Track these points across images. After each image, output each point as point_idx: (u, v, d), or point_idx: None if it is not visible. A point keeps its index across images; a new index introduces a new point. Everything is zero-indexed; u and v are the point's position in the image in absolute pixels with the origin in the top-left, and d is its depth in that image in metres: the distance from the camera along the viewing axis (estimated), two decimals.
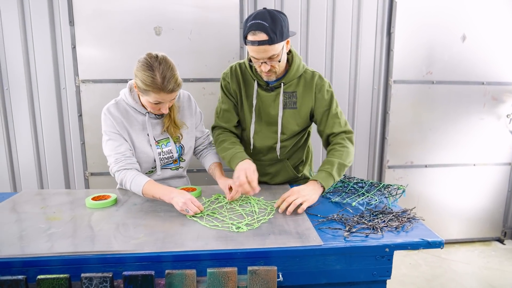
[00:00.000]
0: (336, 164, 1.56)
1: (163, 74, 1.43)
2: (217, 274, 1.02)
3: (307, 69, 1.71)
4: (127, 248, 1.11)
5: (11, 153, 2.69)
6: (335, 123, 1.68)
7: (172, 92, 1.47)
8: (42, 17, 2.52)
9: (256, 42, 1.43)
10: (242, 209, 1.46)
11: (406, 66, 2.91)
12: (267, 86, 1.69)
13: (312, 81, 1.68)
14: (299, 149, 1.86)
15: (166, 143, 1.69)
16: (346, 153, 1.61)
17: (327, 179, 1.52)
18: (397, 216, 1.36)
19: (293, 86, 1.69)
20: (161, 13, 2.55)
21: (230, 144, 1.70)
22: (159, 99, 1.48)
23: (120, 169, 1.55)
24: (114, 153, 1.56)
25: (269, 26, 1.40)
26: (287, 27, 1.49)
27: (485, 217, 3.27)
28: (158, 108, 1.54)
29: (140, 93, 1.53)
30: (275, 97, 1.69)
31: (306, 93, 1.68)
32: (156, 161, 1.66)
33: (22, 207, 1.50)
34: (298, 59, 1.67)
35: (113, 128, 1.58)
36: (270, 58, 1.50)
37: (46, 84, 2.62)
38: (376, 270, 1.20)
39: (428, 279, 2.71)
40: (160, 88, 1.43)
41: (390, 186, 1.65)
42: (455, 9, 2.85)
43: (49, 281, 0.98)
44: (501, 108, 3.08)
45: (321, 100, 1.68)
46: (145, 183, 1.49)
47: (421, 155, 3.08)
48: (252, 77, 1.70)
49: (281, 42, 1.47)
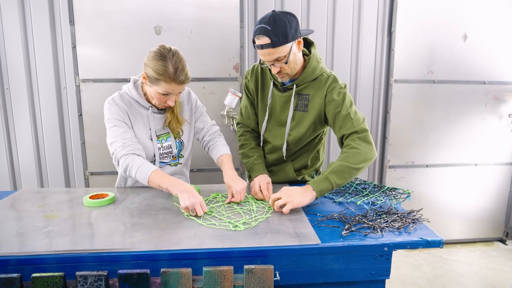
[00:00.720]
0: (336, 166, 1.47)
1: (176, 65, 1.47)
2: (213, 273, 1.01)
3: (324, 72, 1.67)
4: (123, 247, 1.10)
5: (11, 152, 2.69)
6: (346, 124, 1.59)
7: (182, 83, 1.51)
8: (42, 16, 2.53)
9: (260, 46, 1.47)
10: (240, 208, 1.45)
11: (407, 66, 2.90)
12: (282, 86, 1.70)
13: (325, 84, 1.64)
14: (306, 153, 1.84)
15: (166, 138, 1.70)
16: (354, 154, 1.50)
17: (321, 183, 1.44)
18: (402, 217, 1.34)
19: (307, 88, 1.67)
20: (161, 13, 2.55)
21: (250, 151, 1.80)
22: (169, 89, 1.50)
23: (128, 153, 1.52)
24: (121, 138, 1.55)
25: (271, 30, 1.43)
26: (294, 27, 1.48)
27: (486, 217, 3.25)
28: (165, 100, 1.55)
29: (149, 84, 1.54)
30: (288, 98, 1.69)
31: (318, 96, 1.65)
32: (155, 156, 1.66)
33: (20, 205, 1.49)
34: (315, 62, 1.64)
35: (118, 116, 1.59)
36: (276, 60, 1.51)
37: (47, 84, 2.62)
38: (375, 270, 1.18)
39: (429, 279, 2.69)
40: (172, 78, 1.47)
41: (396, 189, 1.63)
42: (456, 8, 2.84)
43: (44, 279, 0.98)
44: (503, 108, 3.06)
45: (331, 102, 1.62)
46: (153, 170, 1.48)
47: (422, 155, 3.06)
48: (270, 77, 1.73)
49: (286, 44, 1.47)
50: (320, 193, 1.43)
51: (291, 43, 1.49)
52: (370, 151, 1.53)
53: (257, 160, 1.77)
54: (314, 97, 1.66)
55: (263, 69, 1.75)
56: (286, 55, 1.50)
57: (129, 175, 1.54)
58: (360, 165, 1.49)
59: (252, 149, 1.81)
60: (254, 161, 1.76)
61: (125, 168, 1.52)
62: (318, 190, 1.43)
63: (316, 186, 1.43)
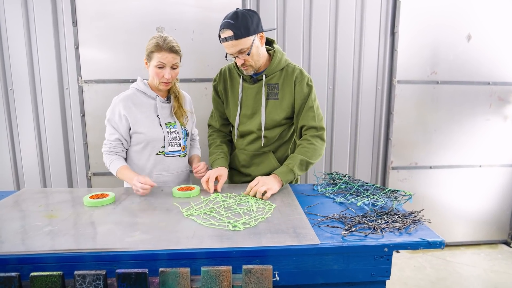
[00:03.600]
0: (299, 160, 1.71)
1: (164, 38, 1.68)
2: (212, 273, 1.01)
3: (289, 63, 1.83)
4: (121, 246, 1.10)
5: (14, 153, 2.71)
6: (308, 116, 1.79)
7: (171, 52, 1.67)
8: (45, 17, 2.54)
9: (224, 38, 1.62)
10: (240, 208, 1.44)
11: (410, 66, 2.88)
12: (251, 78, 1.82)
13: (292, 75, 1.79)
14: (285, 143, 1.94)
15: (173, 125, 1.85)
16: (312, 150, 1.75)
17: (287, 174, 1.68)
18: (403, 217, 1.33)
19: (275, 78, 1.80)
20: (164, 14, 2.55)
21: (215, 148, 1.94)
22: (161, 59, 1.67)
23: (110, 151, 1.79)
24: (108, 140, 1.80)
25: (234, 23, 1.58)
26: (256, 22, 1.64)
27: (491, 220, 3.21)
28: (162, 75, 1.71)
29: (148, 64, 1.74)
30: (258, 89, 1.81)
31: (287, 85, 1.79)
32: (165, 140, 1.81)
33: (20, 204, 1.50)
34: (280, 54, 1.81)
35: (115, 117, 1.77)
36: (240, 52, 1.64)
37: (50, 85, 2.63)
38: (375, 270, 1.17)
39: (432, 281, 2.67)
40: (161, 47, 1.65)
41: (397, 191, 1.62)
42: (460, 8, 2.82)
43: (42, 278, 0.98)
44: (508, 109, 3.03)
45: (300, 92, 1.78)
46: (120, 167, 1.72)
47: (425, 156, 3.04)
48: (238, 73, 1.85)
49: (248, 36, 1.61)
50: (285, 182, 1.68)
51: (253, 36, 1.64)
52: (323, 148, 1.81)
53: (219, 156, 1.88)
54: (283, 86, 1.80)
55: (230, 70, 1.89)
56: (248, 47, 1.64)
57: (108, 168, 1.80)
58: (316, 160, 1.78)
59: (216, 146, 1.94)
60: (216, 156, 1.88)
61: (105, 162, 1.80)
62: (285, 180, 1.67)
63: (283, 177, 1.67)
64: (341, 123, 2.94)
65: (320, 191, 1.71)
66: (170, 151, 1.84)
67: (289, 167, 1.69)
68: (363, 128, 2.98)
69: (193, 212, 1.38)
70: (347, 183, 1.77)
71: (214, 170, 1.75)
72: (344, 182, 1.78)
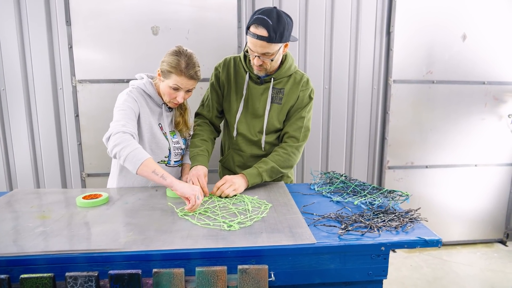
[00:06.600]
0: (270, 167, 1.69)
1: (188, 61, 1.56)
2: (206, 273, 0.99)
3: (298, 70, 1.80)
4: (114, 247, 1.08)
5: (7, 154, 2.67)
6: (296, 125, 1.77)
7: (191, 79, 1.58)
8: (38, 17, 2.51)
9: (256, 35, 1.50)
10: (235, 208, 1.43)
11: (406, 66, 2.89)
12: (258, 79, 1.76)
13: (300, 82, 1.76)
14: None
15: (173, 135, 1.79)
16: (286, 160, 1.73)
17: (255, 177, 1.66)
18: (399, 216, 1.32)
19: (283, 83, 1.76)
20: (159, 13, 2.54)
21: (200, 142, 1.80)
22: (179, 82, 1.57)
23: (127, 132, 1.46)
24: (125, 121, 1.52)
25: (272, 24, 1.47)
26: (290, 31, 1.55)
27: (487, 219, 3.22)
28: (174, 96, 1.62)
29: (162, 79, 1.62)
30: (263, 91, 1.76)
31: (292, 91, 1.76)
32: (170, 150, 1.74)
33: (13, 205, 1.47)
34: (291, 59, 1.76)
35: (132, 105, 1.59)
36: (264, 54, 1.57)
37: (43, 84, 2.60)
38: (372, 270, 1.16)
39: (429, 281, 2.66)
40: (182, 71, 1.55)
41: (394, 191, 1.61)
42: (455, 8, 2.83)
43: (33, 280, 0.96)
44: (503, 108, 3.04)
45: (301, 100, 1.76)
46: (149, 157, 1.42)
47: (421, 155, 3.04)
48: (244, 69, 1.78)
49: (279, 43, 1.53)
50: (252, 185, 1.65)
51: (282, 44, 1.57)
52: (296, 160, 1.78)
53: (203, 152, 1.74)
54: (289, 92, 1.76)
55: (236, 62, 1.81)
56: (274, 52, 1.56)
57: (117, 152, 1.41)
58: (285, 171, 1.76)
59: (202, 140, 1.80)
60: (200, 151, 1.73)
61: (118, 143, 1.41)
62: (252, 182, 1.65)
63: (251, 179, 1.64)
64: (337, 122, 2.93)
65: (316, 190, 1.69)
66: (175, 161, 1.77)
67: (259, 170, 1.67)
68: (359, 127, 2.97)
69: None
70: (344, 183, 1.76)
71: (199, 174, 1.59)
72: (341, 181, 1.77)
